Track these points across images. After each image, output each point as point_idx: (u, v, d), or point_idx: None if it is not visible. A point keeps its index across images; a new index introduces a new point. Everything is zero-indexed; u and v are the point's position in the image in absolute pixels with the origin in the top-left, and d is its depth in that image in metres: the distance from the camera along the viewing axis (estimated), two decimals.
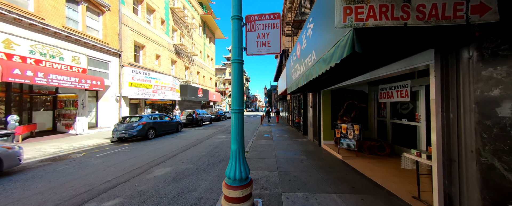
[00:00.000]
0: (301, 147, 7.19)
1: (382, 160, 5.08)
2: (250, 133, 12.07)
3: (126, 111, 13.94)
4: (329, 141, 7.02)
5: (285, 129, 13.12)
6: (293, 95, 14.65)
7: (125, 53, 13.78)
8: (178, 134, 11.61)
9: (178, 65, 21.92)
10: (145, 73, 14.76)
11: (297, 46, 5.72)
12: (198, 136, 10.58)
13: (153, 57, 17.09)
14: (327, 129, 7.06)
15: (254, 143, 8.20)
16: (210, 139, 9.72)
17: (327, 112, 7.09)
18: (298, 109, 12.74)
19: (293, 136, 10.17)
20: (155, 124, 10.05)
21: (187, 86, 20.93)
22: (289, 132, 11.59)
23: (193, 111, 16.33)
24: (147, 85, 14.88)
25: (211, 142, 8.74)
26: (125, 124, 9.03)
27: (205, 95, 26.57)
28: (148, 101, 20.16)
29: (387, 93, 5.79)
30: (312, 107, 8.49)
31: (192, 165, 5.33)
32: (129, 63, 14.15)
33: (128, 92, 13.50)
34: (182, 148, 7.50)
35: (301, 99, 11.42)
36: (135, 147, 7.88)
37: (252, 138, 9.62)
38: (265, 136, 10.33)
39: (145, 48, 16.16)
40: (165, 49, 19.02)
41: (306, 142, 8.32)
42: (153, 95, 15.40)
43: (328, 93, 7.11)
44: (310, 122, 8.81)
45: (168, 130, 11.39)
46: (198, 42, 27.52)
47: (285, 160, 5.51)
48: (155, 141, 9.15)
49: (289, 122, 16.99)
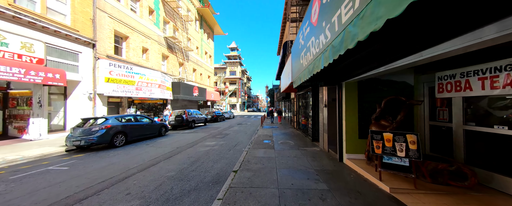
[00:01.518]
0: (314, 163, 5.03)
1: (467, 198, 2.91)
2: (247, 137, 9.95)
3: (103, 111, 11.93)
4: (356, 155, 4.84)
5: (289, 133, 10.97)
6: (298, 93, 12.49)
7: (101, 43, 11.77)
8: (159, 139, 9.54)
9: (171, 61, 19.91)
10: (126, 67, 12.74)
11: (310, 18, 3.61)
12: (182, 142, 8.49)
13: (139, 50, 15.08)
14: (352, 137, 4.89)
15: (249, 154, 6.07)
16: (194, 147, 7.62)
17: (352, 112, 4.92)
18: (304, 109, 10.59)
19: (299, 142, 8.02)
20: (126, 127, 7.98)
21: (180, 83, 18.90)
22: (294, 137, 9.43)
23: (183, 111, 14.27)
24: (129, 81, 12.85)
25: (193, 153, 6.63)
26: (82, 128, 6.97)
27: (202, 94, 24.52)
28: (137, 100, 18.21)
29: (456, 84, 3.62)
30: (327, 106, 6.32)
31: (138, 202, 3.22)
32: (107, 56, 12.14)
33: (105, 89, 11.48)
34: (147, 164, 5.39)
35: (309, 96, 9.27)
36: (83, 161, 5.78)
37: (248, 145, 7.50)
38: (265, 142, 8.20)
39: (129, 39, 14.16)
40: (154, 42, 17.01)
41: (319, 153, 6.16)
42: (136, 93, 13.37)
43: (354, 86, 4.94)
44: (323, 125, 6.65)
45: (147, 135, 9.33)
46: (194, 37, 25.50)
47: (294, 193, 3.36)
48: (121, 150, 7.07)
49: (293, 123, 14.83)
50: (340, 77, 5.03)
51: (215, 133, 11.65)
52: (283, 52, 14.48)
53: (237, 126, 16.00)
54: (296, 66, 5.89)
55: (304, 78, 4.30)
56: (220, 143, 8.47)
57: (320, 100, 7.20)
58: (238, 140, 9.13)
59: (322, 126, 6.74)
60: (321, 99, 7.09)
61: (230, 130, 13.40)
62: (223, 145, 7.92)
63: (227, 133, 11.79)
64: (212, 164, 5.29)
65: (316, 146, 7.34)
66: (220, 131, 12.58)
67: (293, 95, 14.91)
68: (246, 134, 11.27)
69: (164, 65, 19.22)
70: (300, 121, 11.83)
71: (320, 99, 7.21)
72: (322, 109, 6.77)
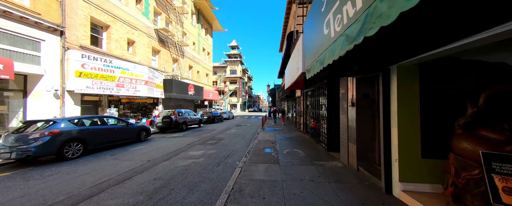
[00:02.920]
0: (346, 198, 3.13)
1: None
2: (245, 144, 8.05)
3: (76, 111, 10.11)
4: (419, 185, 2.92)
5: (295, 138, 9.06)
6: (305, 90, 10.57)
7: (72, 31, 9.96)
8: (134, 147, 7.66)
9: (163, 56, 18.08)
10: (104, 61, 10.89)
11: None
12: (160, 152, 6.62)
13: (123, 42, 13.25)
14: (410, 155, 2.97)
15: (243, 174, 4.18)
16: (172, 159, 5.73)
17: (410, 114, 3.00)
18: (314, 109, 8.68)
19: (310, 152, 6.11)
20: (84, 133, 6.12)
21: (173, 81, 17.06)
22: (303, 144, 7.52)
23: (172, 112, 12.41)
24: (108, 76, 11.02)
25: (165, 170, 4.74)
26: (17, 135, 5.12)
27: (198, 93, 22.68)
28: (124, 99, 16.41)
29: None
30: (355, 105, 4.41)
31: None
32: (82, 46, 10.32)
33: (76, 84, 9.65)
34: (84, 194, 3.50)
35: (321, 93, 7.36)
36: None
37: (243, 157, 5.60)
38: (266, 151, 6.31)
39: (110, 29, 12.33)
40: (142, 34, 15.18)
41: (345, 173, 4.25)
42: (117, 90, 11.53)
43: (413, 71, 3.02)
44: (348, 132, 4.74)
45: (119, 141, 7.48)
46: (190, 31, 23.68)
47: None
48: (67, 165, 5.17)
49: (299, 126, 12.91)
50: (386, 57, 3.12)
51: (207, 138, 9.77)
52: (287, 44, 12.60)
53: (235, 128, 14.11)
54: (312, 46, 3.99)
55: (331, 59, 2.42)
56: (209, 152, 6.59)
57: (341, 97, 5.28)
58: (232, 148, 7.24)
59: (347, 132, 4.82)
60: (343, 95, 5.18)
61: (226, 133, 11.52)
62: (211, 156, 6.03)
63: (221, 137, 9.90)
64: (185, 194, 3.41)
65: (336, 159, 5.41)
66: (213, 135, 10.70)
67: (298, 93, 13.00)
68: (243, 139, 9.37)
69: (155, 61, 17.41)
70: (308, 123, 9.92)
71: (341, 96, 5.29)
72: (346, 109, 4.85)
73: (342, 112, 5.23)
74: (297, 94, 13.46)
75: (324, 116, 6.89)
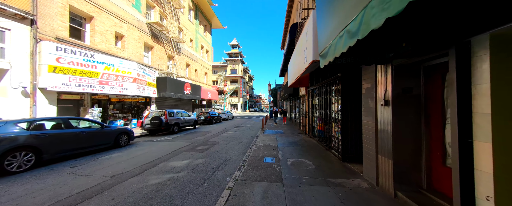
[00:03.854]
0: None
1: None
2: (241, 150, 6.76)
3: (51, 111, 8.92)
4: None
5: (299, 142, 7.77)
6: (311, 88, 9.27)
7: (47, 21, 8.77)
8: (107, 155, 6.40)
9: (157, 53, 16.89)
10: (84, 55, 9.68)
11: None
12: (134, 162, 5.37)
13: (110, 36, 12.06)
14: None
15: (232, 200, 2.91)
16: (144, 173, 4.47)
17: None
18: (322, 110, 7.38)
19: (322, 162, 4.81)
20: (38, 138, 4.85)
21: (167, 79, 15.86)
22: (310, 151, 6.22)
23: (162, 112, 11.17)
24: (89, 72, 9.80)
25: (131, 191, 3.48)
26: None
27: (196, 92, 21.48)
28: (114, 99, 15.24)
29: None
30: (389, 104, 3.13)
31: None
32: (58, 38, 9.12)
33: (50, 81, 8.46)
34: None
35: (332, 90, 6.07)
36: None
37: (237, 171, 4.33)
38: (266, 162, 5.03)
39: (94, 21, 11.14)
40: (133, 28, 13.99)
41: (379, 201, 2.97)
42: (100, 88, 10.32)
43: None
44: (379, 140, 3.45)
45: (90, 147, 6.23)
46: (188, 28, 22.48)
47: None
48: (10, 181, 3.95)
49: (303, 128, 11.61)
50: (464, 23, 1.83)
51: (199, 142, 8.51)
52: (291, 37, 11.32)
53: (233, 130, 12.85)
54: (332, 19, 2.71)
55: (366, 26, 1.14)
56: (196, 162, 5.32)
57: (365, 93, 3.98)
58: (225, 156, 5.97)
59: (375, 141, 3.53)
60: (367, 91, 3.88)
61: (222, 136, 10.26)
62: (196, 169, 4.77)
63: (215, 141, 8.64)
64: None
65: (357, 174, 4.12)
66: (207, 139, 9.44)
67: (302, 91, 11.71)
68: (240, 144, 8.10)
69: (148, 57, 16.22)
70: (315, 125, 8.63)
71: (365, 92, 3.99)
72: (374, 109, 3.55)
73: (366, 114, 3.94)
74: (301, 92, 12.17)
75: (337, 118, 5.60)
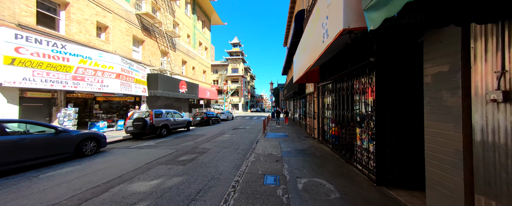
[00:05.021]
0: None
1: None
2: (236, 161, 5.19)
3: (12, 112, 7.47)
4: None
5: (309, 151, 6.17)
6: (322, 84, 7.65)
7: (6, 4, 7.33)
8: (56, 169, 4.87)
9: (148, 47, 15.44)
10: (54, 45, 8.22)
11: None
12: (80, 185, 3.85)
13: (90, 26, 10.60)
14: None
15: None
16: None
17: None
18: (337, 110, 5.77)
19: (349, 190, 3.23)
20: None
21: (158, 76, 14.40)
22: (326, 165, 4.62)
23: (147, 113, 9.66)
24: (60, 65, 8.34)
25: None
26: None
27: (192, 91, 20.01)
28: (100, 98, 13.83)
29: None
30: (507, 99, 1.57)
31: None
32: (20, 25, 7.68)
33: (6, 75, 7.01)
34: None
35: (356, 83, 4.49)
36: None
37: (223, 204, 2.79)
38: (267, 184, 3.44)
39: (70, 7, 9.69)
40: (119, 18, 12.53)
41: None
42: (75, 84, 8.85)
43: None
44: (477, 165, 1.89)
45: (35, 160, 4.74)
46: (184, 22, 21.02)
47: None
48: None
49: (310, 130, 10.00)
50: None
51: (185, 149, 6.97)
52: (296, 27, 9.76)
53: (230, 133, 11.31)
54: None
55: None
56: (167, 184, 3.78)
57: (435, 81, 2.39)
58: (212, 173, 4.42)
59: (470, 166, 1.94)
60: (440, 78, 2.29)
61: (216, 140, 8.71)
62: (163, 198, 3.23)
63: (205, 148, 7.10)
64: None
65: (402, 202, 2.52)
66: (197, 144, 7.90)
67: (310, 88, 10.10)
68: (236, 152, 6.54)
69: (138, 52, 14.77)
70: (327, 129, 7.04)
71: (434, 79, 2.40)
72: (464, 109, 1.98)
73: (436, 116, 2.34)
74: (309, 89, 10.57)
75: (364, 121, 4.01)
